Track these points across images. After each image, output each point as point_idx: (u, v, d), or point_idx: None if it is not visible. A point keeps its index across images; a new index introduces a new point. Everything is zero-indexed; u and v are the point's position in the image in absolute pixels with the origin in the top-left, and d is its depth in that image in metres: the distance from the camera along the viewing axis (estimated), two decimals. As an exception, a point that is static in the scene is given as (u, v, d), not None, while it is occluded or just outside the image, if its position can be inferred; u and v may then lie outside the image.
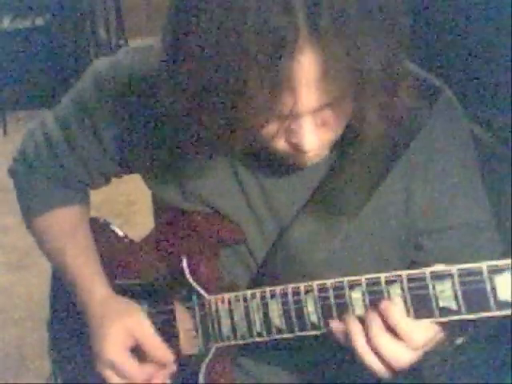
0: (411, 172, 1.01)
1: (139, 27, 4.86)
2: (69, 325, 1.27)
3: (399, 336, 0.87)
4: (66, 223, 1.20)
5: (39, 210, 1.20)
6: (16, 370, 2.44)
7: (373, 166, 1.00)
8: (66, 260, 1.16)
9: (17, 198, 1.25)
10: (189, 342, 1.09)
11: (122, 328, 1.08)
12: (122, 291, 1.15)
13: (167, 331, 1.10)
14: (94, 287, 1.13)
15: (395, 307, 0.87)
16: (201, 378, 1.07)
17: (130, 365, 1.07)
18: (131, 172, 1.17)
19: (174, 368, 1.10)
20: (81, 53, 4.54)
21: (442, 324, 0.88)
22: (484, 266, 0.80)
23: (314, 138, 0.87)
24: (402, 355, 0.87)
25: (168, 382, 1.10)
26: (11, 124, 4.34)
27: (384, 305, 0.87)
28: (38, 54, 4.51)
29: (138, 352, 1.09)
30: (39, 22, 4.49)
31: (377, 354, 0.88)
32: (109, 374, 1.08)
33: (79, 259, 1.16)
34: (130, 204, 3.38)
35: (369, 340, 0.88)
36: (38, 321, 2.58)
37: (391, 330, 0.87)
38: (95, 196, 1.30)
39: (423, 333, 0.87)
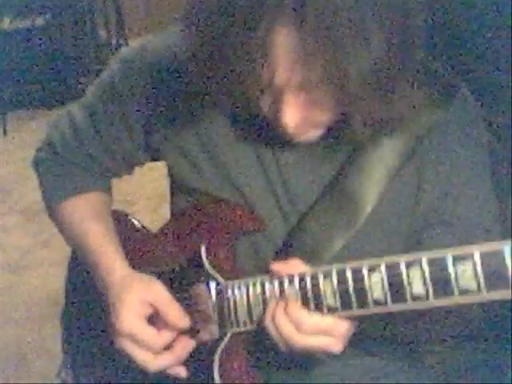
0: (423, 166, 1.02)
1: (139, 27, 4.86)
2: (83, 318, 1.27)
3: (293, 321, 0.95)
4: (90, 208, 1.21)
5: (64, 196, 1.22)
6: (16, 370, 2.43)
7: (388, 158, 1.01)
8: (89, 241, 1.17)
9: (40, 185, 1.26)
10: (205, 329, 1.09)
11: (137, 297, 1.07)
12: None
13: None
14: (115, 265, 1.13)
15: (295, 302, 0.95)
16: (215, 364, 1.07)
17: (147, 331, 1.06)
18: (156, 159, 1.19)
19: (192, 342, 1.09)
20: (81, 53, 4.54)
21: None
22: (505, 246, 0.80)
23: (293, 113, 0.88)
24: (293, 336, 0.95)
25: (190, 348, 1.09)
26: (11, 124, 4.33)
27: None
28: (37, 53, 4.51)
29: (156, 322, 1.08)
30: (39, 22, 4.49)
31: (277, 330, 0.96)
32: (128, 346, 1.06)
33: (102, 240, 1.17)
34: (129, 204, 3.38)
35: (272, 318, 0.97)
36: (38, 321, 2.58)
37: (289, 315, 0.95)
38: (95, 196, 1.30)
39: (315, 322, 0.94)
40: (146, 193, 3.33)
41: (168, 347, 1.08)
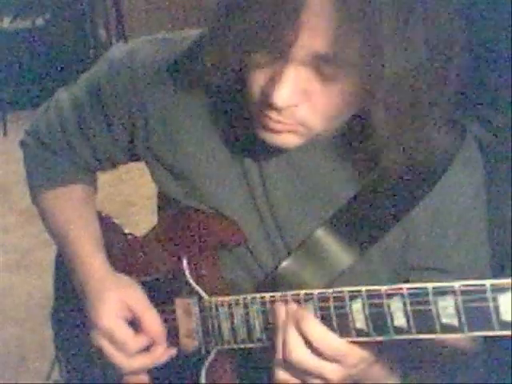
0: (419, 208, 0.99)
1: (139, 27, 4.86)
2: (72, 316, 1.27)
3: (315, 347, 0.88)
4: (72, 200, 1.20)
5: (46, 186, 1.21)
6: (16, 370, 2.44)
7: (392, 205, 0.99)
8: (69, 236, 1.16)
9: (25, 171, 1.25)
10: (189, 342, 1.09)
11: (118, 298, 1.08)
12: None
13: (167, 330, 1.10)
14: (95, 264, 1.13)
15: (309, 318, 0.88)
16: (202, 379, 1.07)
17: (125, 332, 1.07)
18: (138, 160, 1.17)
19: (168, 350, 1.09)
20: (81, 53, 4.53)
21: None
22: (487, 283, 0.79)
23: (287, 92, 0.82)
24: (325, 368, 0.88)
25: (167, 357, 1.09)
26: (11, 124, 4.33)
27: (299, 315, 0.89)
28: (38, 54, 4.51)
29: (135, 327, 1.08)
30: (39, 22, 4.49)
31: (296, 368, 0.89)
32: (104, 343, 1.08)
33: (81, 236, 1.16)
34: (129, 205, 3.38)
35: (286, 355, 0.89)
36: (38, 321, 2.58)
37: (308, 342, 0.88)
38: (95, 196, 1.30)
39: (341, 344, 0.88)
40: (146, 193, 3.33)
41: (144, 350, 1.08)
